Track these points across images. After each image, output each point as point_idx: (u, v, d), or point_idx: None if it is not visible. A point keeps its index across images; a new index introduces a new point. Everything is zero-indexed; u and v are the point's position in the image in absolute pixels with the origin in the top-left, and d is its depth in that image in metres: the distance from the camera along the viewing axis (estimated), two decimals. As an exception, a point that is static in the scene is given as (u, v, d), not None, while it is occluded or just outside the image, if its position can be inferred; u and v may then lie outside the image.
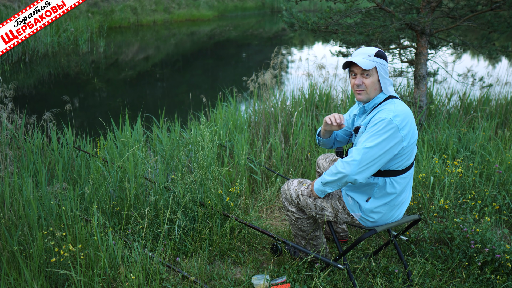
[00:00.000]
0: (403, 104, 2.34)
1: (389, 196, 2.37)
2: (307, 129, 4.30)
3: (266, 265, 2.81)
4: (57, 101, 7.50)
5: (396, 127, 2.21)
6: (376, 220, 2.43)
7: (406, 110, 2.30)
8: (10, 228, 2.65)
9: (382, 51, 2.36)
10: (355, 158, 2.23)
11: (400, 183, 2.37)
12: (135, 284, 2.38)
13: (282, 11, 5.21)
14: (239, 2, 25.37)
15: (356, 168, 2.23)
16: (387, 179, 2.34)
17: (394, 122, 2.21)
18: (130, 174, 3.19)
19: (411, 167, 2.41)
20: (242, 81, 5.57)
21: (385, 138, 2.21)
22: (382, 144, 2.21)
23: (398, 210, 2.44)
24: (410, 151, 2.33)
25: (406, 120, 2.25)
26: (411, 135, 2.28)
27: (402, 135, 2.23)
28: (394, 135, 2.22)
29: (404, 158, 2.31)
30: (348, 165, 2.24)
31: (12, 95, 4.18)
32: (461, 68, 6.47)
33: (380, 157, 2.23)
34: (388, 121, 2.21)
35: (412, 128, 2.29)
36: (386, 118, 2.22)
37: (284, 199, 2.70)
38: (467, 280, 2.67)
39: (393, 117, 2.22)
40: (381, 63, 2.32)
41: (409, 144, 2.28)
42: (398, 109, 2.26)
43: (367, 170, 2.25)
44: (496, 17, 4.82)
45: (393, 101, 2.32)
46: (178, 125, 4.63)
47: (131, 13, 17.87)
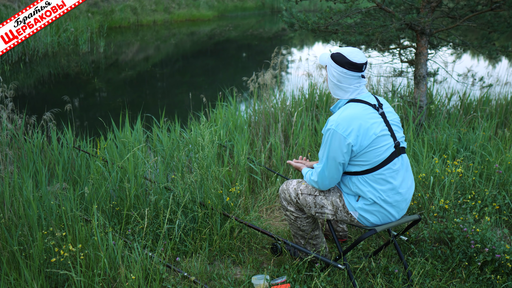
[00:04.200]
0: (354, 107, 2.34)
1: (374, 193, 2.35)
2: (307, 129, 4.30)
3: (266, 265, 2.82)
4: (57, 101, 7.50)
5: (337, 134, 2.29)
6: (374, 221, 2.42)
7: (353, 114, 2.30)
8: (10, 228, 2.65)
9: (340, 55, 2.37)
10: (315, 180, 2.47)
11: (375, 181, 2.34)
12: (135, 284, 2.38)
13: (282, 11, 5.21)
14: (239, 2, 25.36)
15: (321, 185, 2.46)
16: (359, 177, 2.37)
17: (337, 130, 2.29)
18: (130, 174, 3.19)
19: (388, 162, 2.35)
20: (242, 81, 5.57)
21: (331, 148, 2.32)
22: (331, 154, 2.32)
23: (393, 209, 2.42)
24: (371, 151, 2.30)
25: (350, 125, 2.27)
26: (362, 137, 2.28)
27: (350, 141, 2.28)
28: (339, 141, 2.29)
29: (365, 157, 2.31)
30: (315, 184, 2.49)
31: (12, 95, 4.17)
32: (461, 68, 6.47)
33: (335, 166, 2.35)
34: (332, 132, 2.31)
35: (362, 131, 2.28)
36: (330, 129, 2.32)
37: (282, 199, 2.70)
38: (467, 280, 2.67)
39: (336, 126, 2.29)
40: (330, 64, 2.42)
41: (362, 147, 2.29)
42: (342, 116, 2.31)
43: (332, 180, 2.42)
44: (496, 17, 4.82)
45: (346, 106, 2.37)
46: (178, 125, 4.62)
47: (131, 13, 17.86)
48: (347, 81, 2.38)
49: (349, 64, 2.34)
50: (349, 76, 2.37)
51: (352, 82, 2.38)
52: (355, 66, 2.35)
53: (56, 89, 9.12)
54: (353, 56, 2.35)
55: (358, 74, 2.37)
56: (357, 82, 2.39)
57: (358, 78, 2.38)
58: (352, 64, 2.34)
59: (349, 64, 2.34)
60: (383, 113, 2.39)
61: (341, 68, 2.37)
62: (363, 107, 2.35)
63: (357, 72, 2.36)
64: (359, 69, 2.36)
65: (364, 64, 2.37)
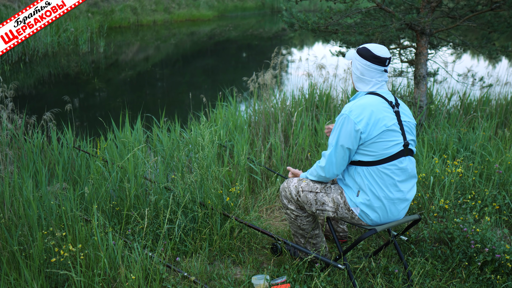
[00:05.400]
0: (370, 97, 2.41)
1: (375, 187, 2.36)
2: (307, 129, 4.30)
3: (266, 265, 2.82)
4: (57, 101, 7.50)
5: (349, 119, 2.33)
6: (374, 218, 2.41)
7: (367, 103, 2.36)
8: (10, 228, 2.65)
9: (365, 48, 2.44)
10: (322, 165, 2.47)
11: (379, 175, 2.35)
12: (135, 284, 2.38)
13: (282, 11, 5.21)
14: (239, 2, 25.37)
15: (327, 171, 2.45)
16: (364, 169, 2.38)
17: (350, 116, 2.33)
18: (130, 174, 3.19)
19: (395, 158, 2.37)
20: (242, 81, 5.57)
21: (341, 133, 2.35)
22: (340, 139, 2.36)
23: (394, 208, 2.43)
24: (379, 142, 2.34)
25: (363, 113, 2.32)
26: (372, 126, 2.32)
27: (360, 128, 2.31)
28: (350, 127, 2.33)
29: (373, 148, 2.34)
30: (321, 170, 2.48)
31: (12, 95, 4.17)
32: (461, 68, 6.47)
33: (344, 151, 2.37)
34: (344, 117, 2.36)
35: (373, 120, 2.32)
36: (343, 114, 2.37)
37: (283, 197, 2.71)
38: (467, 280, 2.67)
39: (349, 112, 2.35)
40: (355, 58, 2.49)
41: (370, 136, 2.32)
42: (356, 104, 2.37)
43: (338, 167, 2.42)
44: (496, 17, 4.82)
45: (363, 97, 2.44)
46: (178, 125, 4.62)
47: (131, 13, 17.87)
48: (370, 74, 2.45)
49: (373, 57, 2.41)
50: (372, 69, 2.43)
51: (374, 75, 2.45)
52: (379, 59, 2.41)
53: (56, 89, 9.12)
54: (378, 50, 2.41)
55: (381, 68, 2.43)
56: (379, 76, 2.45)
57: (380, 72, 2.44)
58: (376, 58, 2.40)
59: (373, 57, 2.41)
60: (397, 112, 2.43)
61: (365, 61, 2.43)
62: (379, 100, 2.40)
63: (380, 66, 2.42)
64: (383, 63, 2.42)
65: (387, 59, 2.43)
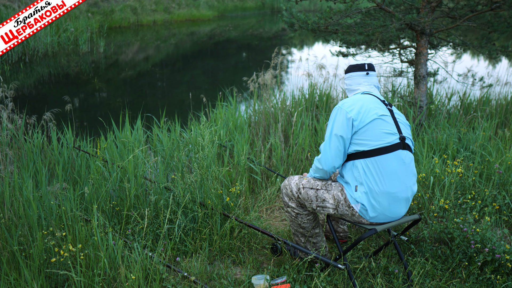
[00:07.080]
0: (363, 95, 2.56)
1: (373, 180, 2.37)
2: (307, 129, 4.30)
3: (266, 265, 2.82)
4: (57, 101, 7.51)
5: (341, 110, 2.47)
6: (374, 213, 2.41)
7: (360, 98, 2.51)
8: (10, 228, 2.65)
9: (347, 66, 2.74)
10: (318, 157, 2.57)
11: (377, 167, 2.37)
12: (135, 284, 2.38)
13: (282, 11, 5.21)
14: (239, 2, 25.37)
15: (323, 162, 2.52)
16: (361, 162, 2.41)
17: (342, 107, 2.48)
18: (130, 174, 3.19)
19: (392, 150, 2.40)
20: (242, 81, 5.57)
21: (335, 123, 2.47)
22: (334, 128, 2.46)
23: (394, 203, 2.42)
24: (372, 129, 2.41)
25: (355, 104, 2.47)
26: (364, 114, 2.43)
27: (351, 116, 2.42)
28: (342, 116, 2.45)
29: (366, 136, 2.41)
30: (318, 162, 2.58)
31: (12, 95, 4.17)
32: (461, 68, 6.47)
33: (338, 140, 2.44)
34: (337, 109, 2.51)
35: (365, 109, 2.44)
36: (337, 106, 2.53)
37: (284, 194, 2.72)
38: (467, 280, 2.67)
39: (341, 104, 2.50)
40: (344, 79, 2.79)
41: (363, 123, 2.41)
42: (349, 98, 2.55)
43: (334, 159, 2.48)
44: (496, 17, 4.82)
45: (357, 95, 2.60)
46: (178, 125, 4.62)
47: (131, 13, 17.87)
48: (355, 80, 2.67)
49: (352, 67, 2.69)
50: (355, 76, 2.67)
51: (359, 81, 2.66)
52: (357, 66, 2.67)
53: (56, 89, 9.12)
54: (356, 62, 2.71)
55: (362, 73, 2.65)
56: (364, 81, 2.65)
57: (363, 75, 2.65)
58: (354, 66, 2.68)
59: (352, 67, 2.69)
60: (391, 110, 2.55)
61: (348, 73, 2.71)
62: (372, 97, 2.55)
63: (360, 71, 2.66)
64: (362, 68, 2.65)
65: (366, 64, 2.66)
